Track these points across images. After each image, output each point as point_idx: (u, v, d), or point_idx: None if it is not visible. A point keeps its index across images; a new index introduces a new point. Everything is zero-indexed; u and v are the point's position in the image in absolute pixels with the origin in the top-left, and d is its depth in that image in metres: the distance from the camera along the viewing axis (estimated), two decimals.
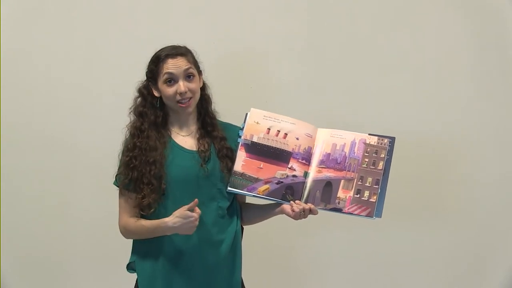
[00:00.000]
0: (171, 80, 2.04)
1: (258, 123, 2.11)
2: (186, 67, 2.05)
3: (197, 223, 1.93)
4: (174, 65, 2.04)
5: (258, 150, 2.08)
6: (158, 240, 2.03)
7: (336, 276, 3.13)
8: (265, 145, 2.08)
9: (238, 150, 2.08)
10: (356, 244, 3.10)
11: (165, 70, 2.04)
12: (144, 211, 2.02)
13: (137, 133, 2.06)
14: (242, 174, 2.05)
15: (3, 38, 2.97)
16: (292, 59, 3.06)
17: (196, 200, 1.93)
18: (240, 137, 2.09)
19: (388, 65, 3.06)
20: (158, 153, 2.03)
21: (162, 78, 2.05)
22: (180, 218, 1.92)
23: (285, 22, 3.05)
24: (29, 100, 3.01)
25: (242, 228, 2.18)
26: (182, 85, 2.03)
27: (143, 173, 2.00)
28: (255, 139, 2.09)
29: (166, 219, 1.95)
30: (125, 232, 2.08)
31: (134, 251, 2.12)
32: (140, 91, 2.12)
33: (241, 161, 2.06)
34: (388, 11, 3.06)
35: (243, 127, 2.11)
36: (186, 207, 1.92)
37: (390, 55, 3.05)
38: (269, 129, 2.11)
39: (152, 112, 2.08)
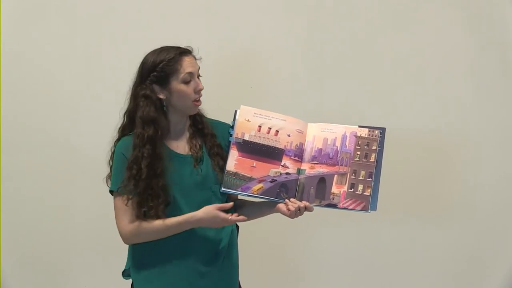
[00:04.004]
0: (190, 79, 1.99)
1: (248, 120, 2.08)
2: (198, 66, 2.03)
3: (225, 224, 1.95)
4: (191, 64, 1.99)
5: (251, 149, 2.06)
6: (153, 243, 2.00)
7: (333, 275, 3.13)
8: (257, 143, 2.06)
9: (230, 149, 2.05)
10: (354, 243, 3.10)
11: (185, 70, 1.97)
12: (149, 219, 1.96)
13: (150, 142, 1.94)
14: (235, 174, 2.03)
15: (3, 38, 2.97)
16: (292, 59, 3.06)
17: (231, 204, 1.95)
18: (231, 135, 2.07)
19: (388, 65, 3.06)
20: (163, 163, 1.96)
21: (180, 77, 1.97)
22: (208, 216, 1.92)
23: (285, 22, 3.06)
24: (29, 100, 3.02)
25: (238, 227, 2.18)
26: (199, 83, 2.00)
27: (151, 187, 1.93)
28: (246, 137, 2.07)
29: (197, 214, 1.94)
30: (134, 236, 1.98)
31: (130, 256, 2.08)
32: (147, 96, 1.98)
33: (234, 160, 2.04)
34: (388, 11, 3.06)
35: (233, 125, 2.08)
36: (217, 206, 1.93)
37: (390, 55, 3.06)
38: (260, 126, 2.08)
39: (162, 118, 2.00)
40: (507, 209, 3.09)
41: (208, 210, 1.93)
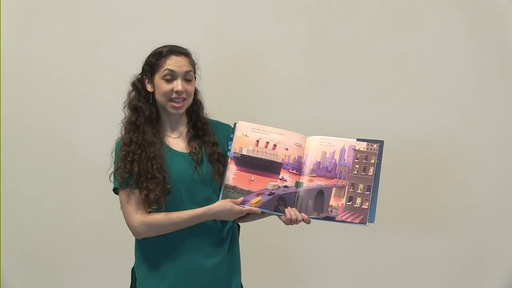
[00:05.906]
0: (170, 77, 2.03)
1: (246, 135, 2.10)
2: (188, 69, 2.04)
3: (241, 215, 2.01)
4: (176, 63, 2.03)
5: (248, 163, 2.08)
6: (155, 242, 2.02)
7: (333, 277, 3.13)
8: (255, 157, 2.08)
9: (228, 164, 2.08)
10: (354, 246, 3.10)
11: (166, 66, 2.02)
12: (150, 207, 1.98)
13: (133, 128, 2.04)
14: (233, 187, 2.06)
15: (3, 38, 2.97)
16: (292, 59, 3.06)
17: (241, 198, 2.01)
18: (229, 150, 2.09)
19: (388, 65, 3.06)
20: (156, 148, 2.01)
21: (161, 73, 2.03)
22: (224, 209, 1.98)
23: (285, 22, 3.05)
24: (29, 100, 3.02)
25: (239, 225, 2.18)
26: (180, 84, 2.02)
27: (146, 169, 1.97)
28: (244, 152, 2.09)
29: (213, 208, 1.99)
30: (145, 227, 1.99)
31: (135, 254, 2.10)
32: (134, 84, 2.10)
33: (232, 174, 2.07)
34: (388, 11, 3.06)
35: (232, 138, 2.10)
36: (231, 200, 2.00)
37: (390, 55, 3.06)
38: (257, 141, 2.10)
39: (146, 106, 2.06)
40: (507, 209, 3.09)
41: (224, 203, 2.00)
